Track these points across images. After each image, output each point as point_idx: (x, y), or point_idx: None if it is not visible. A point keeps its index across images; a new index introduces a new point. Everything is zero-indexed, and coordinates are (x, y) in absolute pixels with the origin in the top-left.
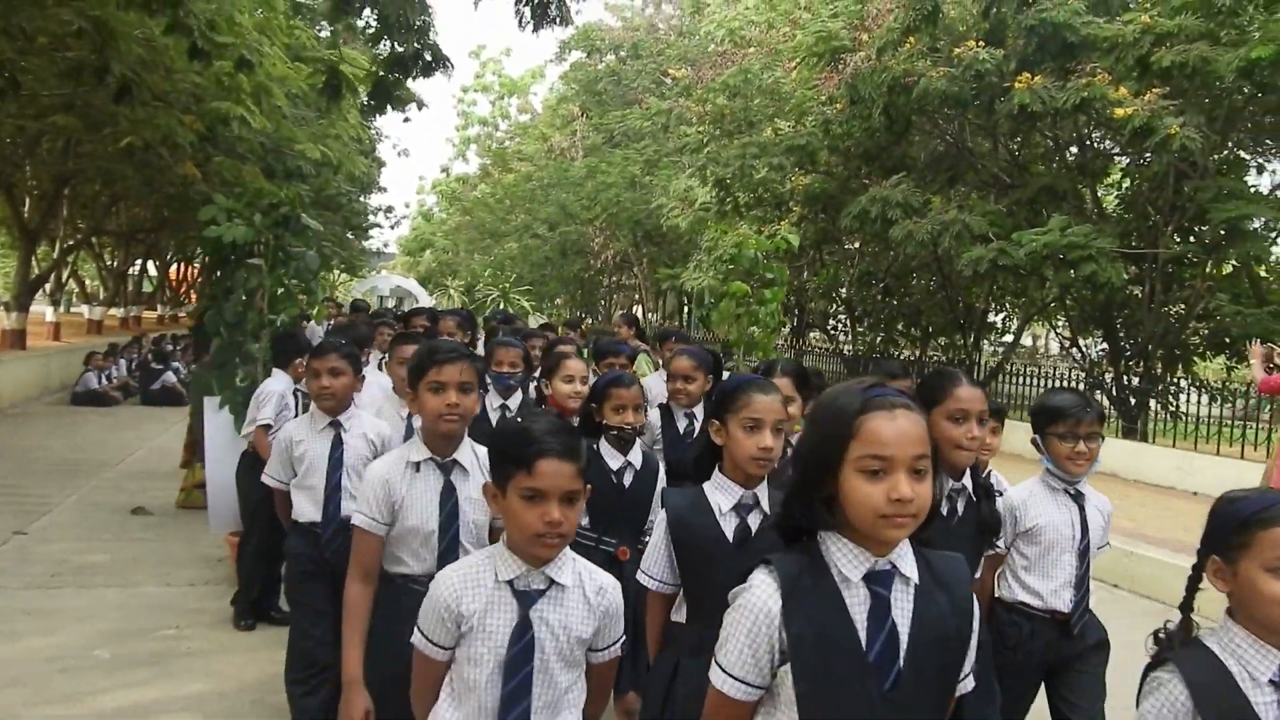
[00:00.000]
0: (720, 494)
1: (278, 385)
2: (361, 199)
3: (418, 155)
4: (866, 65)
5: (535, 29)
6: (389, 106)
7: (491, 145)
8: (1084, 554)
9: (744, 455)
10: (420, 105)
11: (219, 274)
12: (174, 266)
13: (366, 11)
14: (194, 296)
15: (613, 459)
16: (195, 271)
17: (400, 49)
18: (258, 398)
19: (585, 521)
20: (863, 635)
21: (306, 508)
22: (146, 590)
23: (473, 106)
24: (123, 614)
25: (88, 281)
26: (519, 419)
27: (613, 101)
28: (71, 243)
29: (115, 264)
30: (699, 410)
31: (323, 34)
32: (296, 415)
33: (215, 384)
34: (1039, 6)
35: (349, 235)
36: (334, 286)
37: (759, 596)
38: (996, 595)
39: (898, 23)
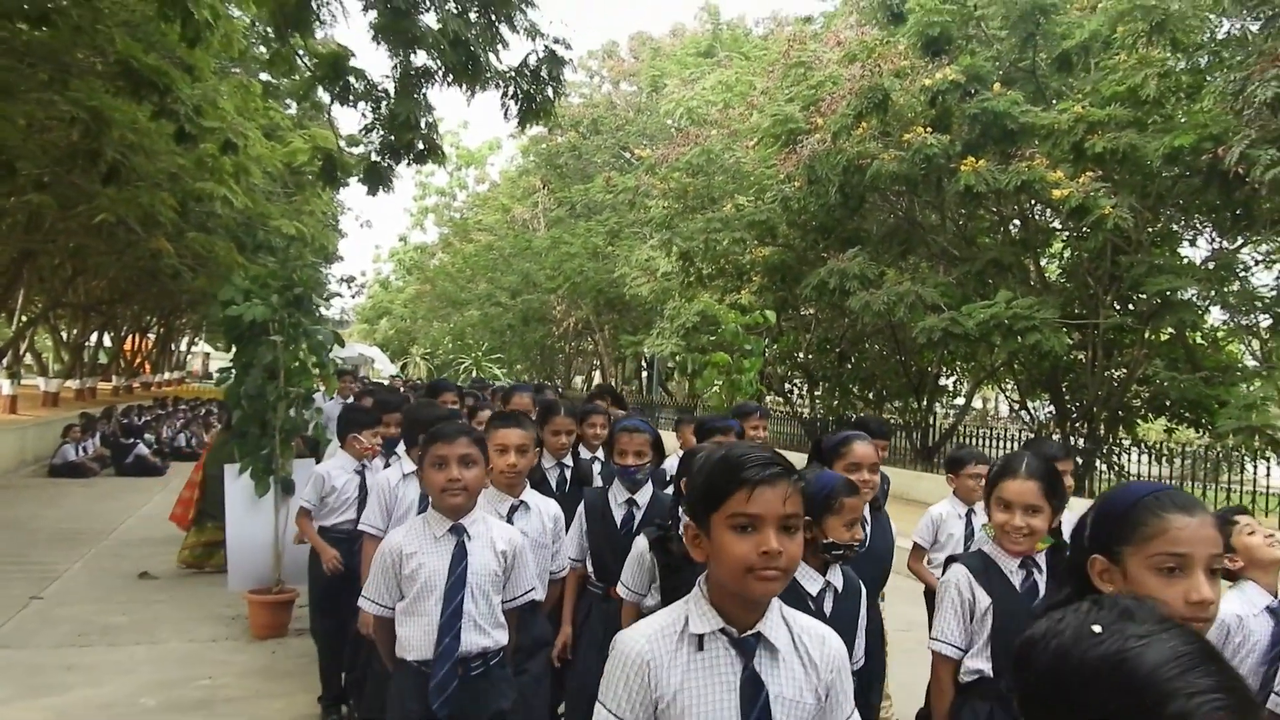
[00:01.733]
0: None
1: (330, 464)
2: (323, 270)
3: (374, 224)
4: (822, 147)
5: (521, 124)
6: (380, 189)
7: (449, 215)
8: None
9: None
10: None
11: (237, 350)
12: (129, 339)
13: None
14: (148, 368)
15: None
16: (149, 343)
17: (393, 138)
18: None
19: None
20: None
21: (416, 639)
22: (172, 646)
23: (430, 177)
24: (156, 668)
25: (44, 354)
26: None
27: (573, 174)
28: (29, 316)
29: (72, 336)
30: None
31: (289, 110)
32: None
33: (237, 451)
34: (981, 97)
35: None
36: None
37: None
38: None
39: (850, 109)
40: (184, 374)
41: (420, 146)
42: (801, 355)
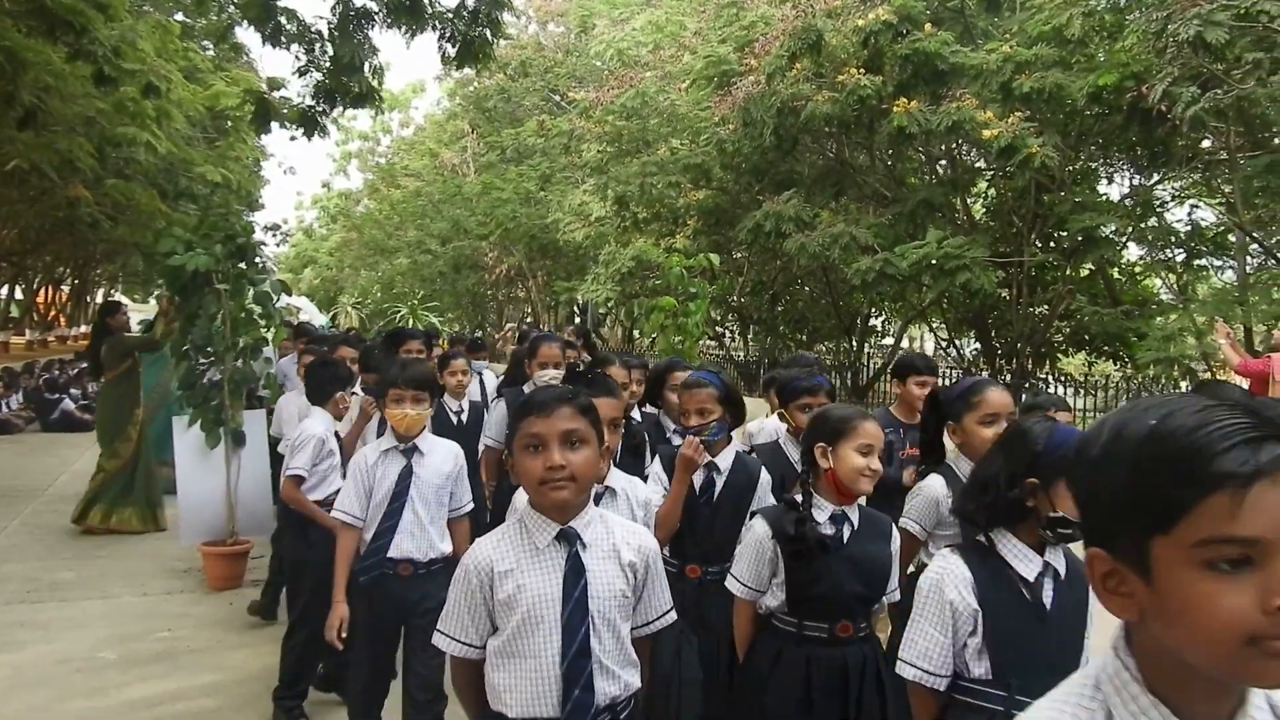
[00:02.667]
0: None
1: (317, 427)
2: (248, 218)
3: (297, 170)
4: (756, 89)
5: (459, 67)
6: (315, 135)
7: (373, 161)
8: None
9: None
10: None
11: (181, 301)
12: (41, 291)
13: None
14: (63, 320)
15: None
16: (63, 296)
17: (327, 81)
18: (293, 443)
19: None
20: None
21: (522, 690)
22: (126, 600)
23: (353, 121)
24: (112, 622)
25: None
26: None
27: (502, 118)
28: None
29: None
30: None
31: (208, 52)
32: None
33: (185, 403)
34: (912, 38)
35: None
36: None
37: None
38: None
39: (784, 50)
40: None
41: (356, 90)
42: (735, 298)
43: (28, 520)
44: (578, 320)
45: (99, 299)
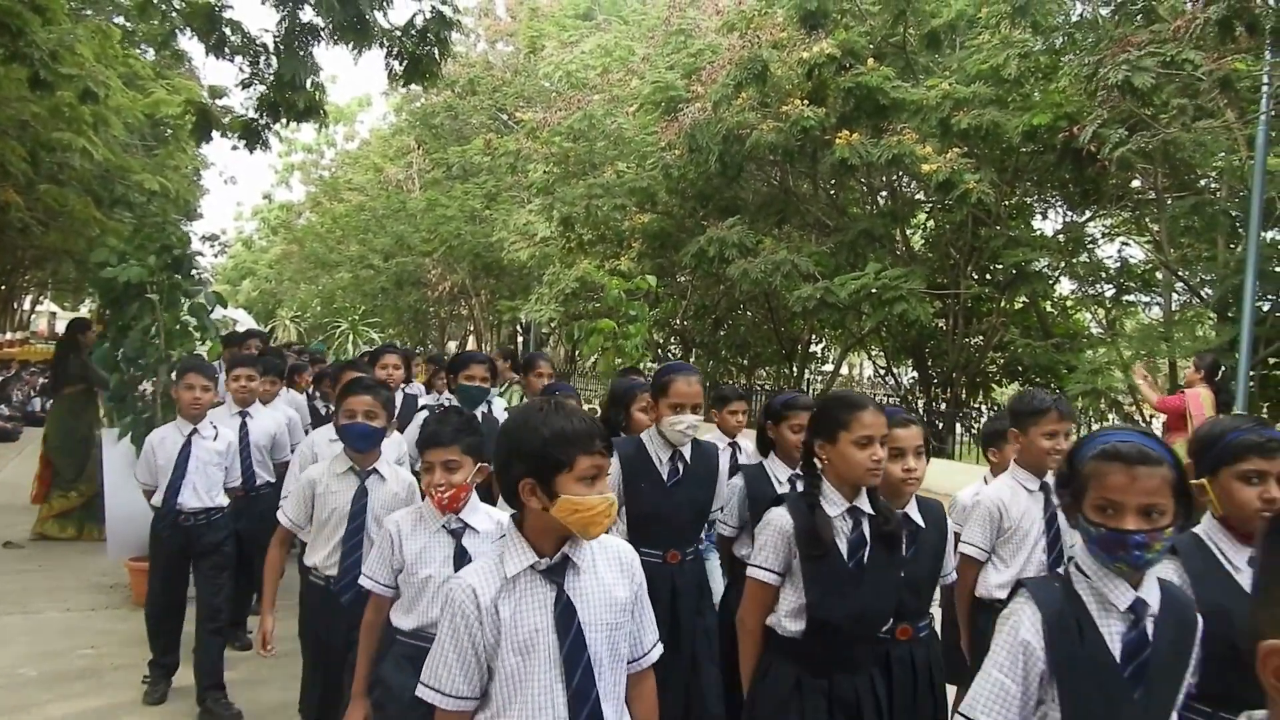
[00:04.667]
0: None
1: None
2: (186, 227)
3: (238, 181)
4: (703, 116)
5: (406, 84)
6: (257, 148)
7: (316, 174)
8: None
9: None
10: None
11: (113, 312)
12: None
13: (238, 58)
14: None
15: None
16: None
17: (271, 94)
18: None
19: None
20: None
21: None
22: (50, 616)
23: (296, 133)
24: (34, 639)
25: None
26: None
27: (448, 135)
28: None
29: None
30: None
31: (147, 58)
32: None
33: (115, 415)
34: (855, 71)
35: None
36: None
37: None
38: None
39: (731, 79)
40: (28, 334)
41: (300, 105)
42: (678, 322)
43: None
44: (520, 339)
45: (27, 306)
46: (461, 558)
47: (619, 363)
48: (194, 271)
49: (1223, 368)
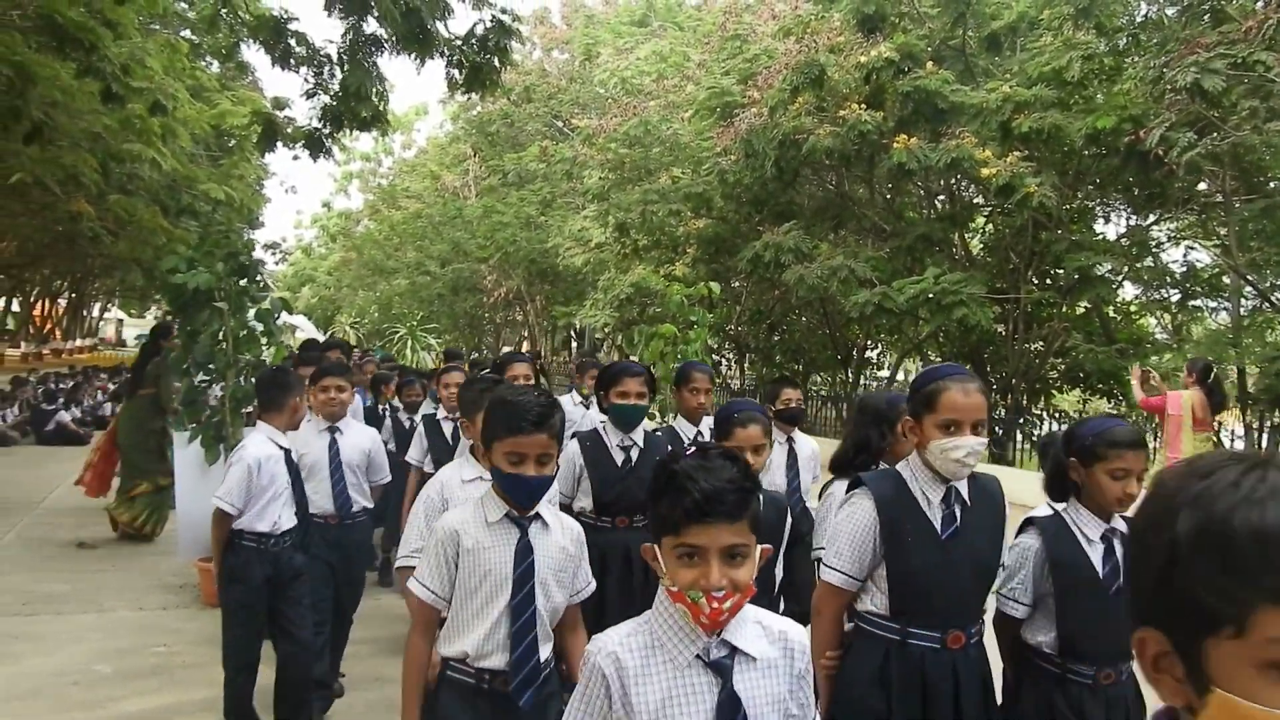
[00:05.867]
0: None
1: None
2: (249, 235)
3: (298, 190)
4: (759, 121)
5: (466, 92)
6: (321, 156)
7: (374, 181)
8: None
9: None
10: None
11: (183, 318)
12: (38, 304)
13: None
14: (58, 334)
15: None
16: (60, 309)
17: (335, 104)
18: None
19: None
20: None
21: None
22: (122, 615)
23: (355, 142)
24: (107, 636)
25: None
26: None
27: (504, 142)
28: None
29: None
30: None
31: (212, 69)
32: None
33: (186, 418)
34: (913, 75)
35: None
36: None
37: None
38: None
39: (787, 83)
40: (96, 341)
41: (364, 114)
42: (732, 327)
43: (23, 533)
44: (574, 344)
45: (96, 313)
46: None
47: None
48: (259, 278)
49: (1214, 372)
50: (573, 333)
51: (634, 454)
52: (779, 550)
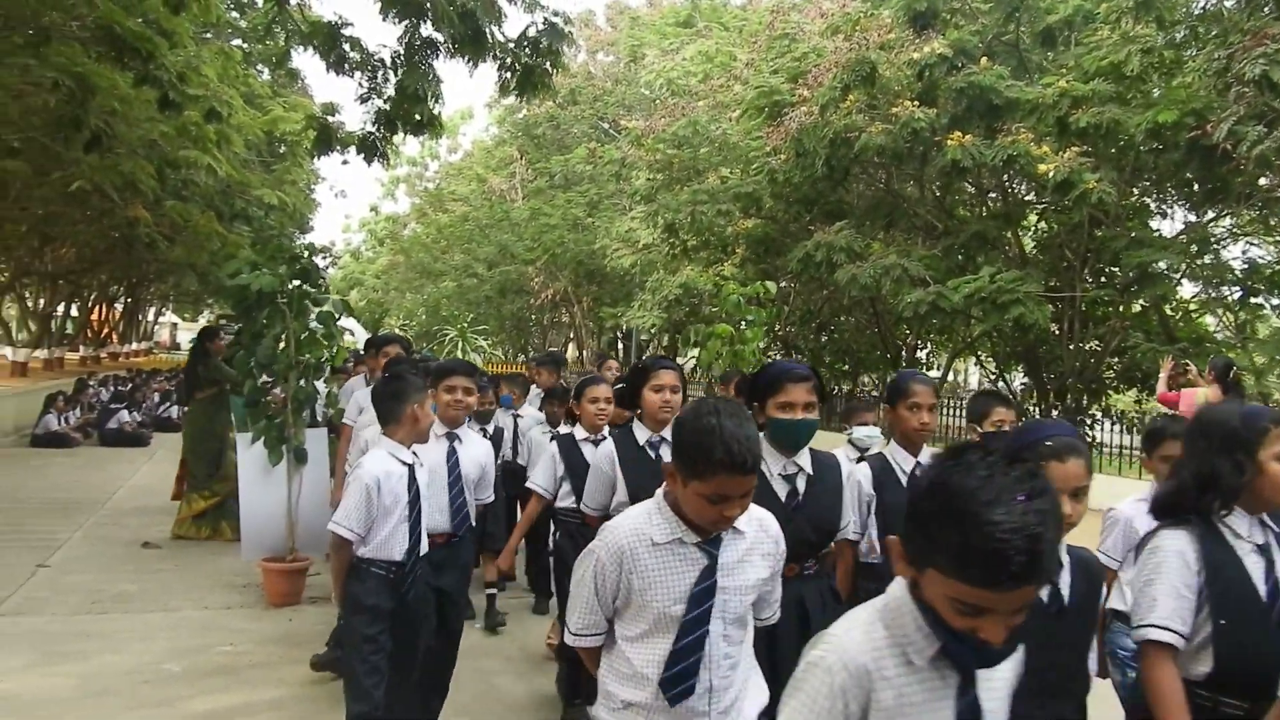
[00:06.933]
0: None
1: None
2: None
3: (347, 194)
4: (809, 120)
5: (519, 94)
6: (373, 160)
7: (421, 185)
8: None
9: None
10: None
11: (245, 320)
12: (96, 308)
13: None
14: (115, 338)
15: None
16: (116, 313)
17: (389, 108)
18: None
19: None
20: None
21: None
22: (188, 614)
23: (402, 146)
24: (175, 635)
25: (11, 324)
26: None
27: (550, 145)
28: None
29: (40, 305)
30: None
31: (263, 77)
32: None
33: (249, 419)
34: (967, 71)
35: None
36: None
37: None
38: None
39: (837, 81)
40: (152, 344)
41: (418, 118)
42: (781, 327)
43: (90, 532)
44: (620, 345)
45: (151, 317)
46: None
47: (740, 369)
48: (320, 280)
49: (1234, 371)
50: (619, 334)
51: (801, 484)
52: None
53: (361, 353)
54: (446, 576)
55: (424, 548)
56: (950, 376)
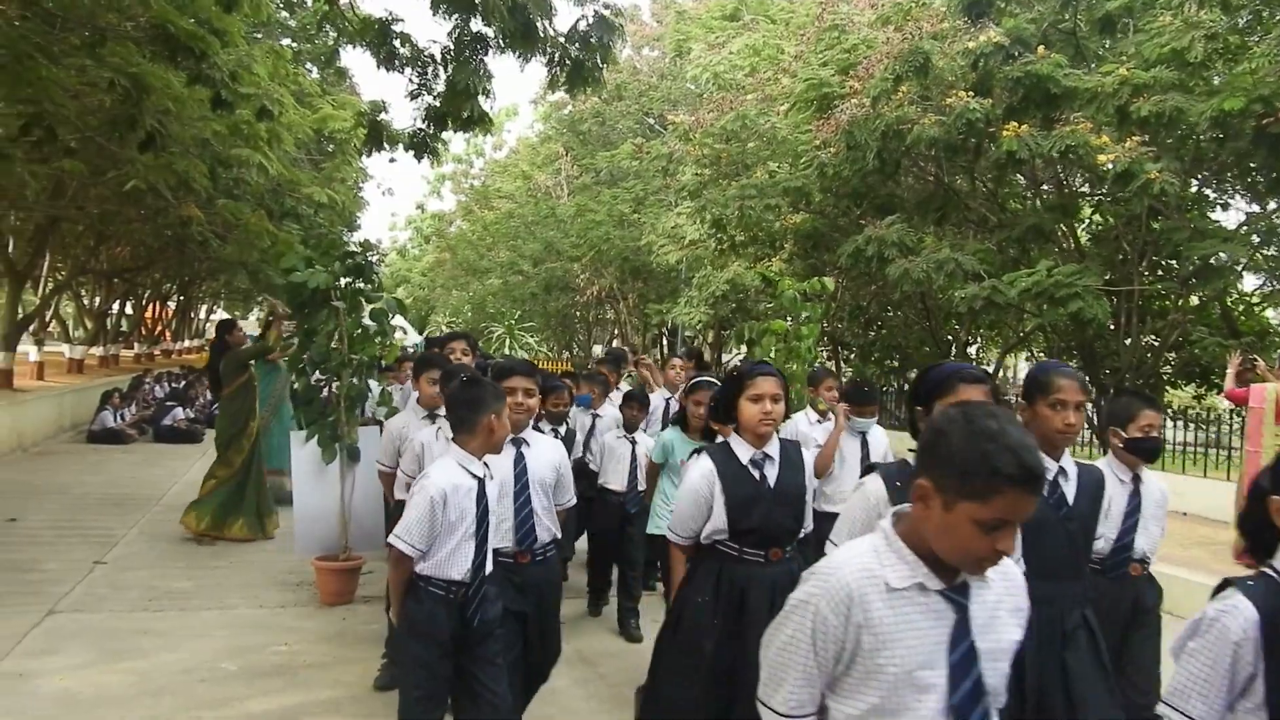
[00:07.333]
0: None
1: None
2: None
3: (394, 192)
4: (860, 112)
5: (569, 90)
6: (423, 157)
7: (466, 182)
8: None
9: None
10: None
11: (300, 317)
12: (149, 306)
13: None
14: (168, 335)
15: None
16: (169, 311)
17: (438, 105)
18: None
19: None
20: None
21: None
22: (243, 612)
23: (449, 144)
24: (231, 633)
25: (68, 321)
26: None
27: (596, 141)
28: (53, 284)
29: (95, 304)
30: None
31: (311, 75)
32: None
33: (302, 417)
34: (1024, 60)
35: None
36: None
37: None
38: None
39: (890, 73)
40: (203, 342)
41: (468, 114)
42: (827, 324)
43: (145, 529)
44: (664, 341)
45: (202, 315)
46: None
47: (790, 366)
48: (374, 277)
49: None
50: (663, 330)
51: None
52: None
53: (409, 352)
54: (528, 598)
55: (489, 567)
56: (1003, 372)
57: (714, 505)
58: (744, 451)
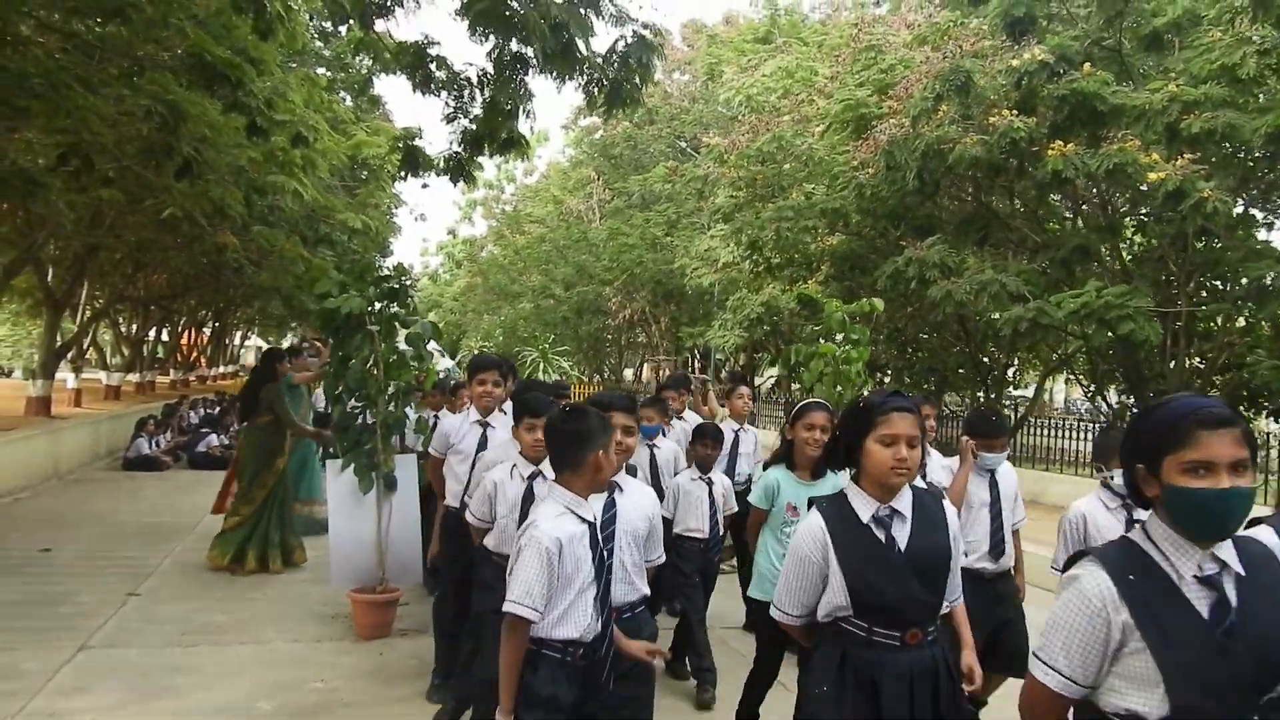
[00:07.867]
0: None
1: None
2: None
3: (427, 218)
4: (899, 132)
5: (607, 112)
6: (459, 181)
7: (497, 207)
8: None
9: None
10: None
11: (335, 343)
12: (185, 333)
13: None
14: (203, 362)
15: None
16: (205, 338)
17: (475, 127)
18: None
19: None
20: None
21: None
22: (278, 646)
23: (478, 170)
24: (266, 669)
25: (105, 349)
26: None
27: (627, 165)
28: (91, 311)
29: (132, 331)
30: None
31: (345, 103)
32: None
33: (338, 445)
34: (1069, 77)
35: None
36: None
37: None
38: None
39: (930, 92)
40: (238, 368)
41: (505, 136)
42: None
43: (178, 559)
44: (696, 364)
45: (237, 341)
46: None
47: (838, 390)
48: (410, 302)
49: None
50: (695, 353)
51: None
52: None
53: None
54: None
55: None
56: (1038, 396)
57: (829, 575)
58: (865, 507)
